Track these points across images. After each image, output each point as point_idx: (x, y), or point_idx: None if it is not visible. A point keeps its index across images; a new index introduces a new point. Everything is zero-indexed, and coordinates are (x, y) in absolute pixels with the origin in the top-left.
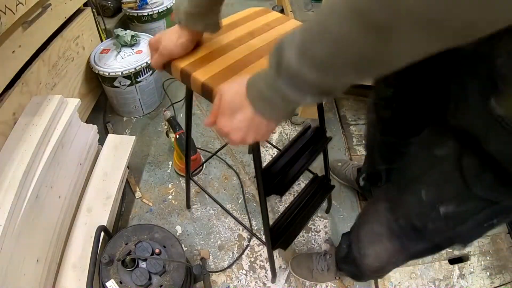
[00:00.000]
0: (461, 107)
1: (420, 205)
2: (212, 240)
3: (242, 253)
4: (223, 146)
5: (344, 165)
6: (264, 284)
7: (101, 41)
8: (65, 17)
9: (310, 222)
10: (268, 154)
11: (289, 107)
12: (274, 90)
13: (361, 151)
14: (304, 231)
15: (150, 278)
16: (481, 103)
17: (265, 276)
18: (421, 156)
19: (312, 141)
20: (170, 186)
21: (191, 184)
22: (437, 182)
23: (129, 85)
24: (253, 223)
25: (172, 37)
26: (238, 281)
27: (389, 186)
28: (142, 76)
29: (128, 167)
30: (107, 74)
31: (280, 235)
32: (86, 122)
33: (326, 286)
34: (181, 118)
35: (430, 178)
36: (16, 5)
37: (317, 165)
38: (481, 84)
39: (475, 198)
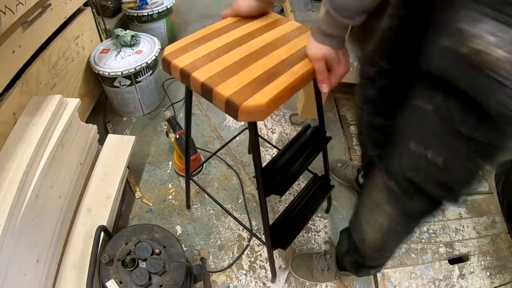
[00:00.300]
0: (432, 53)
1: (410, 157)
2: (212, 240)
3: (242, 253)
4: (223, 146)
5: (344, 166)
6: (264, 284)
7: (101, 41)
8: (65, 17)
9: (310, 222)
10: (268, 154)
11: (340, 29)
12: (326, 21)
13: (361, 151)
14: (304, 231)
15: (150, 278)
16: (449, 49)
17: (265, 276)
18: (405, 112)
19: (312, 141)
20: (170, 186)
21: (191, 184)
22: (421, 130)
23: (129, 85)
24: (253, 223)
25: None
26: (238, 281)
27: (382, 158)
28: (142, 76)
29: (128, 167)
30: (107, 74)
31: (280, 235)
32: (86, 122)
33: (326, 286)
34: (181, 118)
35: (414, 128)
36: (16, 5)
37: (317, 165)
38: (447, 31)
39: (463, 139)
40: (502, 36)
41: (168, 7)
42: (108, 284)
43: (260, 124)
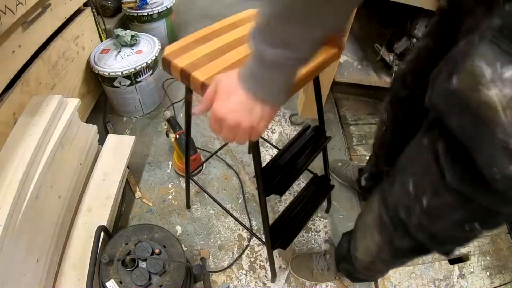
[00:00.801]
0: (432, 88)
1: (407, 197)
2: (212, 240)
3: (242, 253)
4: (223, 146)
5: (344, 165)
6: (264, 284)
7: (101, 41)
8: (65, 17)
9: (310, 222)
10: (268, 154)
11: (277, 81)
12: (261, 60)
13: (361, 151)
14: (304, 231)
15: (150, 278)
16: (445, 81)
17: (265, 276)
18: (412, 147)
19: (312, 141)
20: (170, 186)
21: (191, 184)
22: (420, 172)
23: (129, 85)
24: (253, 223)
25: None
26: (238, 281)
27: (385, 179)
28: (142, 76)
29: (128, 167)
30: (107, 74)
31: (280, 235)
32: (86, 122)
33: (326, 286)
34: (181, 118)
35: (415, 168)
36: (16, 5)
37: (317, 165)
38: (448, 67)
39: (451, 190)
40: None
41: (168, 7)
42: (108, 284)
43: None
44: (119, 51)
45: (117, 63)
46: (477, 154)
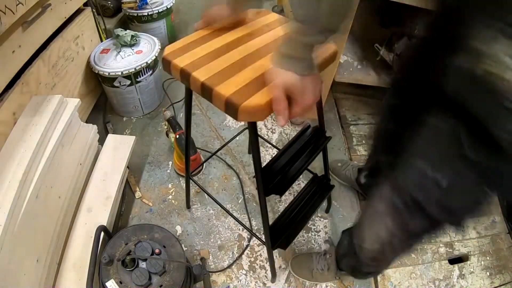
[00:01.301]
0: (449, 72)
1: (418, 175)
2: (212, 240)
3: (242, 253)
4: (223, 146)
5: (344, 165)
6: (264, 284)
7: (101, 41)
8: (65, 17)
9: (310, 222)
10: (268, 154)
11: (303, 50)
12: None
13: (361, 151)
14: (304, 231)
15: (150, 278)
16: (463, 67)
17: (265, 276)
18: (420, 128)
19: (312, 141)
20: (170, 186)
21: (191, 184)
22: (431, 149)
23: (129, 85)
24: (253, 223)
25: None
26: (238, 281)
27: (391, 166)
28: (142, 76)
29: (128, 167)
30: (107, 74)
31: (280, 235)
32: (86, 122)
33: (326, 286)
34: (181, 118)
35: (425, 146)
36: (16, 5)
37: (317, 165)
38: (463, 49)
39: (471, 165)
40: None
41: (168, 7)
42: (108, 284)
43: (260, 124)
44: (119, 51)
45: (117, 63)
46: (499, 132)
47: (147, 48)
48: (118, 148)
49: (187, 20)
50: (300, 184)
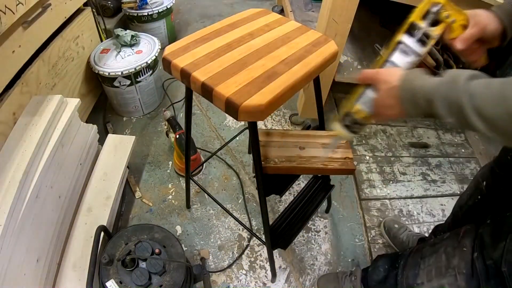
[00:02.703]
0: None
1: None
2: (212, 240)
3: (242, 253)
4: (223, 146)
5: (401, 229)
6: (264, 284)
7: (101, 41)
8: (65, 17)
9: (310, 222)
10: None
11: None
12: (429, 106)
13: (361, 151)
14: (304, 231)
15: (150, 278)
16: None
17: (265, 276)
18: None
19: None
20: (170, 186)
21: (191, 184)
22: None
23: (129, 85)
24: (253, 223)
25: None
26: (238, 281)
27: (484, 227)
28: (142, 76)
29: (128, 167)
30: (107, 74)
31: (280, 234)
32: (86, 122)
33: None
34: (181, 118)
35: None
36: (16, 5)
37: None
38: None
39: None
40: None
41: (168, 7)
42: (108, 284)
43: (260, 124)
44: (119, 51)
45: (117, 63)
46: None
47: (147, 48)
48: (118, 148)
49: (187, 20)
50: (300, 184)
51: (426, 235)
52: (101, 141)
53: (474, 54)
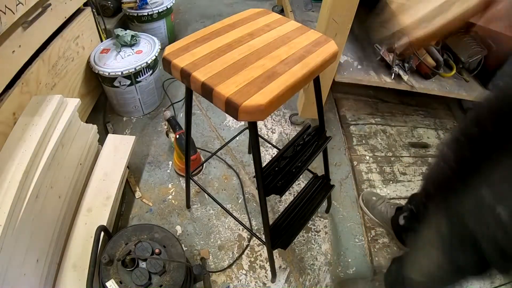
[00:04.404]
0: None
1: (479, 208)
2: (212, 240)
3: (242, 253)
4: (223, 146)
5: (379, 200)
6: (264, 284)
7: (101, 41)
8: (65, 17)
9: (310, 222)
10: (268, 154)
11: None
12: None
13: (361, 151)
14: (304, 231)
15: (150, 278)
16: None
17: (265, 276)
18: (499, 161)
19: (312, 141)
20: (170, 186)
21: (191, 184)
22: (503, 184)
23: (129, 85)
24: (253, 223)
25: None
26: (238, 281)
27: (449, 198)
28: (142, 76)
29: (128, 167)
30: (107, 74)
31: (280, 234)
32: (86, 122)
33: (326, 286)
34: (181, 118)
35: (498, 180)
36: (16, 5)
37: (317, 165)
38: None
39: None
40: None
41: (168, 7)
42: (108, 284)
43: (260, 124)
44: (119, 51)
45: (117, 63)
46: None
47: (147, 48)
48: (118, 148)
49: (187, 20)
50: (300, 184)
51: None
52: (101, 141)
53: None
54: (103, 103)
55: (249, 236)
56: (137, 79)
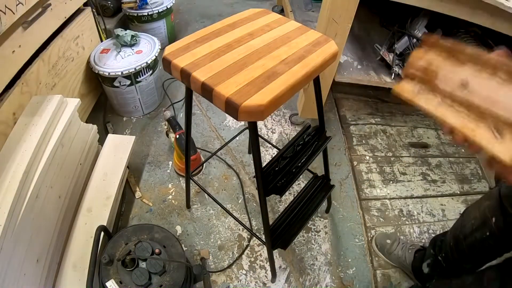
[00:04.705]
0: None
1: None
2: (212, 240)
3: (242, 253)
4: (223, 146)
5: (394, 243)
6: (264, 284)
7: (101, 41)
8: (65, 17)
9: (310, 222)
10: (268, 154)
11: None
12: None
13: (361, 151)
14: (304, 231)
15: (150, 278)
16: None
17: (265, 276)
18: None
19: (312, 141)
20: (170, 186)
21: (191, 184)
22: None
23: (129, 85)
24: (253, 223)
25: None
26: (238, 281)
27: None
28: (142, 76)
29: (128, 167)
30: (107, 74)
31: (280, 235)
32: (86, 122)
33: (326, 286)
34: (181, 118)
35: None
36: (16, 5)
37: (317, 165)
38: None
39: None
40: None
41: (168, 7)
42: (108, 284)
43: (260, 124)
44: (119, 51)
45: (117, 63)
46: None
47: (147, 48)
48: (118, 148)
49: (187, 20)
50: (300, 184)
51: (423, 241)
52: (101, 141)
53: None
54: (103, 103)
55: (249, 236)
56: (137, 79)
